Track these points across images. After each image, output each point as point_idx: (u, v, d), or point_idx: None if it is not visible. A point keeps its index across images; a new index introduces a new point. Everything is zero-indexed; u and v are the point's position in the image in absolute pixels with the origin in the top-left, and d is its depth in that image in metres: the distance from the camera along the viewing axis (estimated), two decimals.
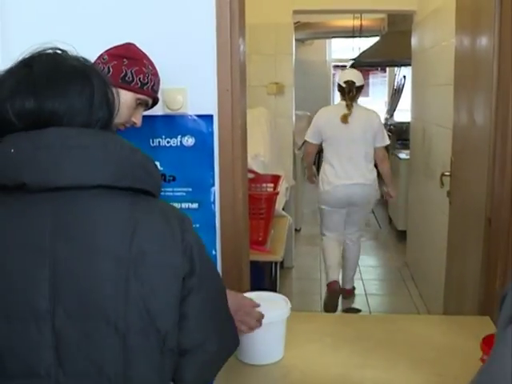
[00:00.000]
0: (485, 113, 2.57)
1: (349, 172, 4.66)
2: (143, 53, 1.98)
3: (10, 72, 1.27)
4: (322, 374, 1.93)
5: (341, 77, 4.84)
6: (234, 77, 2.20)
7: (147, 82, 1.93)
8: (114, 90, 1.35)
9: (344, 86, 4.67)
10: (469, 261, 2.83)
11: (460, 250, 3.12)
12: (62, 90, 1.25)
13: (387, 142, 4.80)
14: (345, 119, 4.54)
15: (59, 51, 1.32)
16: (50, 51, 1.31)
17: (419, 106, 5.51)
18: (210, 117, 2.23)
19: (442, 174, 3.38)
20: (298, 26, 8.85)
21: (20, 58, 1.29)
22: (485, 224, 2.47)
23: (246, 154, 2.38)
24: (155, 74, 1.98)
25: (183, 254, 1.26)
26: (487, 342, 1.79)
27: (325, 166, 4.80)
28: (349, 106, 4.58)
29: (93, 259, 1.19)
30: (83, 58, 1.33)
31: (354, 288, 5.20)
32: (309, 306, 4.99)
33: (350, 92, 4.60)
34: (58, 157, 1.19)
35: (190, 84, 2.23)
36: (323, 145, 4.77)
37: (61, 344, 1.17)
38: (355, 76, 4.77)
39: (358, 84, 4.68)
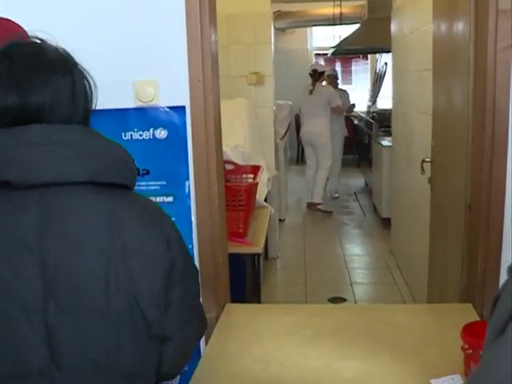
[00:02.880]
0: (462, 98, 2.54)
1: (308, 124, 7.76)
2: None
3: None
4: (302, 366, 1.92)
5: (310, 67, 8.03)
6: (205, 67, 2.16)
7: None
8: (91, 82, 1.34)
9: (311, 72, 7.71)
10: (450, 247, 2.82)
11: (442, 237, 3.10)
12: (45, 84, 1.23)
13: (338, 102, 7.74)
14: (310, 92, 7.62)
15: (38, 41, 1.30)
16: (29, 41, 1.30)
17: (400, 93, 5.49)
18: (183, 108, 2.18)
19: (423, 161, 3.36)
20: (279, 15, 8.83)
21: None
22: (465, 210, 2.45)
23: (221, 145, 2.34)
24: None
25: (166, 245, 1.31)
26: (467, 331, 1.77)
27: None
28: (313, 85, 7.63)
29: (80, 253, 1.21)
30: (62, 49, 1.31)
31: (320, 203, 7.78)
32: (294, 297, 4.98)
33: (314, 76, 7.65)
34: (41, 154, 1.18)
35: (161, 75, 2.19)
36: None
37: (54, 340, 1.18)
38: (318, 66, 8.14)
39: (319, 71, 7.72)
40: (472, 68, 2.35)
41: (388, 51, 6.56)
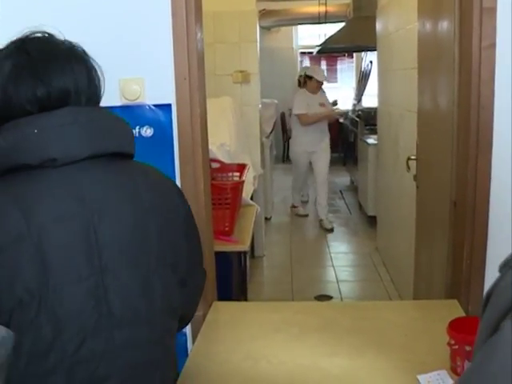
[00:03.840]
0: (447, 96, 2.56)
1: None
2: None
3: (5, 56, 1.35)
4: (290, 363, 1.92)
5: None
6: (191, 65, 2.15)
7: None
8: (98, 69, 1.44)
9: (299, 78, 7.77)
10: (436, 244, 2.83)
11: (427, 234, 3.12)
12: (65, 70, 1.35)
13: (296, 111, 7.14)
14: None
15: (47, 34, 1.40)
16: (40, 35, 1.39)
17: (385, 91, 5.51)
18: (169, 106, 2.18)
19: (408, 158, 3.37)
20: (264, 14, 8.83)
21: (9, 42, 1.37)
22: (450, 207, 2.46)
23: (207, 143, 2.34)
24: None
25: (180, 199, 1.53)
26: (453, 327, 1.78)
27: None
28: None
29: (117, 217, 1.35)
30: (68, 41, 1.42)
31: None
32: (280, 295, 4.98)
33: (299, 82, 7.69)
34: (76, 131, 1.31)
35: (146, 73, 2.18)
36: None
37: (109, 296, 1.30)
38: (302, 70, 8.11)
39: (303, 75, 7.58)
40: (457, 66, 2.36)
41: (373, 50, 6.58)
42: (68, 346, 1.25)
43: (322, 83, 7.03)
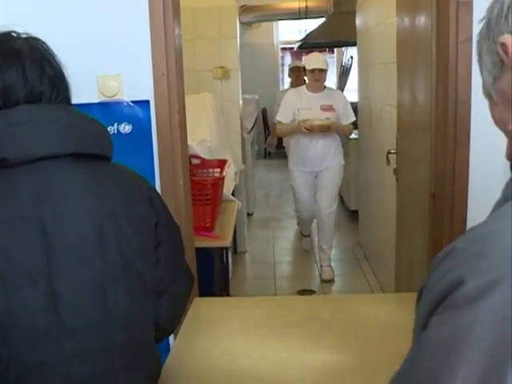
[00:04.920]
0: (425, 90, 2.57)
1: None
2: None
3: None
4: (271, 358, 1.92)
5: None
6: (169, 61, 2.15)
7: None
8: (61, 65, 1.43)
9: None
10: (416, 237, 2.85)
11: (408, 227, 3.14)
12: (11, 67, 1.34)
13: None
14: None
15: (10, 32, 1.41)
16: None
17: (366, 86, 5.52)
18: (147, 102, 2.18)
19: (388, 152, 3.39)
20: (245, 9, 8.81)
21: None
22: (429, 200, 2.48)
23: (186, 139, 2.34)
24: None
25: (150, 206, 1.45)
26: None
27: None
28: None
29: (74, 219, 1.32)
30: (32, 38, 1.42)
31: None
32: (263, 290, 4.99)
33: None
34: (30, 131, 1.29)
35: (124, 70, 2.18)
36: None
37: (59, 302, 1.27)
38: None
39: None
40: (434, 60, 2.38)
41: (354, 45, 6.59)
42: (16, 353, 1.23)
43: (323, 73, 5.08)
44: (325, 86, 5.17)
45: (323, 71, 5.08)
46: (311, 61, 5.14)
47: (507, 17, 0.79)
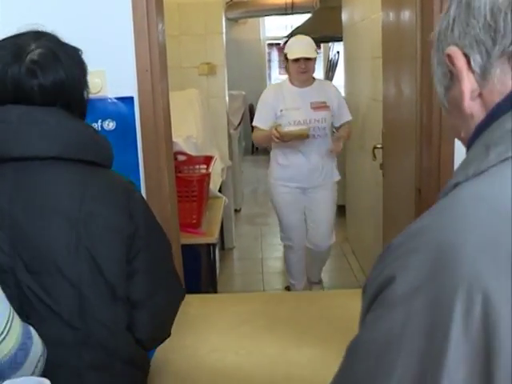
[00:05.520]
0: (411, 85, 2.57)
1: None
2: None
3: None
4: (258, 354, 1.93)
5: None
6: (153, 57, 2.14)
7: None
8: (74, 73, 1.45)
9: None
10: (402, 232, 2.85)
11: (394, 222, 3.14)
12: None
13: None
14: None
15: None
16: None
17: (352, 80, 5.52)
18: (131, 99, 2.16)
19: (374, 147, 3.39)
20: (231, 5, 8.80)
21: None
22: (415, 194, 2.48)
23: (171, 136, 2.33)
24: None
25: (128, 217, 1.43)
26: None
27: None
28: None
29: (47, 220, 1.35)
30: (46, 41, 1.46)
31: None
32: (251, 286, 4.98)
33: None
34: (17, 130, 1.34)
35: (108, 66, 2.16)
36: None
37: (24, 296, 1.33)
38: None
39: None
40: (419, 55, 2.38)
41: (340, 40, 6.58)
42: None
43: (311, 62, 3.94)
44: (314, 78, 4.05)
45: (310, 60, 3.92)
46: (294, 47, 3.96)
47: (453, 29, 0.82)
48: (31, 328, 1.26)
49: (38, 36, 1.44)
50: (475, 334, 0.60)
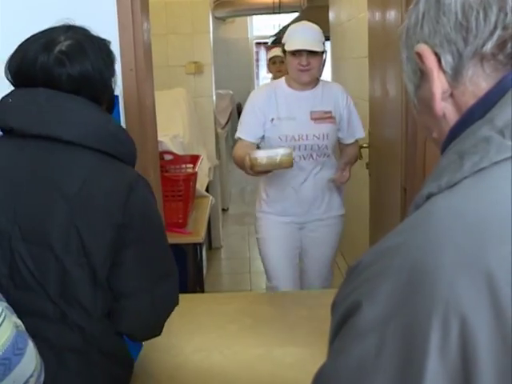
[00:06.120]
0: (396, 84, 2.58)
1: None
2: None
3: None
4: (243, 353, 1.92)
5: None
6: (137, 56, 2.13)
7: None
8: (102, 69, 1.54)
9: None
10: (389, 230, 2.85)
11: (381, 221, 3.15)
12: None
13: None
14: None
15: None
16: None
17: (339, 80, 5.52)
18: (116, 98, 2.14)
19: (361, 146, 3.39)
20: (218, 4, 8.78)
21: None
22: (401, 194, 2.49)
23: (156, 135, 2.32)
24: None
25: (124, 207, 1.45)
26: None
27: None
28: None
29: (48, 195, 1.42)
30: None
31: None
32: (238, 286, 4.99)
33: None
34: (40, 111, 1.43)
35: None
36: None
37: (13, 260, 1.40)
38: None
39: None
40: None
41: (327, 39, 6.60)
42: None
43: (317, 58, 3.05)
44: (318, 79, 3.19)
45: (316, 55, 3.03)
46: (295, 36, 3.07)
47: (422, 25, 0.79)
48: (29, 344, 1.21)
49: (68, 29, 1.54)
50: (453, 360, 0.57)
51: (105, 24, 2.12)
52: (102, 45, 1.59)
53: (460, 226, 0.62)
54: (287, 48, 3.03)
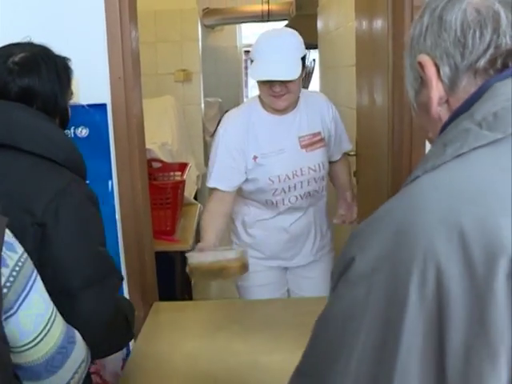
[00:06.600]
0: (383, 92, 2.59)
1: None
2: None
3: None
4: (230, 361, 1.92)
5: None
6: (126, 64, 2.14)
7: None
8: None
9: None
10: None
11: None
12: None
13: None
14: None
15: None
16: None
17: (327, 88, 5.54)
18: (104, 106, 2.16)
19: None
20: (207, 13, 8.79)
21: None
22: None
23: (144, 143, 2.33)
24: None
25: (45, 208, 1.40)
26: None
27: None
28: None
29: None
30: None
31: None
32: (227, 293, 4.96)
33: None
34: None
35: (80, 73, 2.13)
36: None
37: None
38: None
39: None
40: (391, 63, 2.40)
41: (316, 47, 6.62)
42: None
43: (293, 84, 2.47)
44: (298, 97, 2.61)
45: (290, 82, 2.43)
46: (263, 59, 2.45)
47: (425, 38, 0.89)
48: (77, 333, 1.29)
49: (28, 44, 1.59)
50: (429, 303, 0.67)
51: (93, 32, 2.14)
52: (59, 61, 1.63)
53: (439, 193, 0.73)
54: (252, 74, 2.48)
